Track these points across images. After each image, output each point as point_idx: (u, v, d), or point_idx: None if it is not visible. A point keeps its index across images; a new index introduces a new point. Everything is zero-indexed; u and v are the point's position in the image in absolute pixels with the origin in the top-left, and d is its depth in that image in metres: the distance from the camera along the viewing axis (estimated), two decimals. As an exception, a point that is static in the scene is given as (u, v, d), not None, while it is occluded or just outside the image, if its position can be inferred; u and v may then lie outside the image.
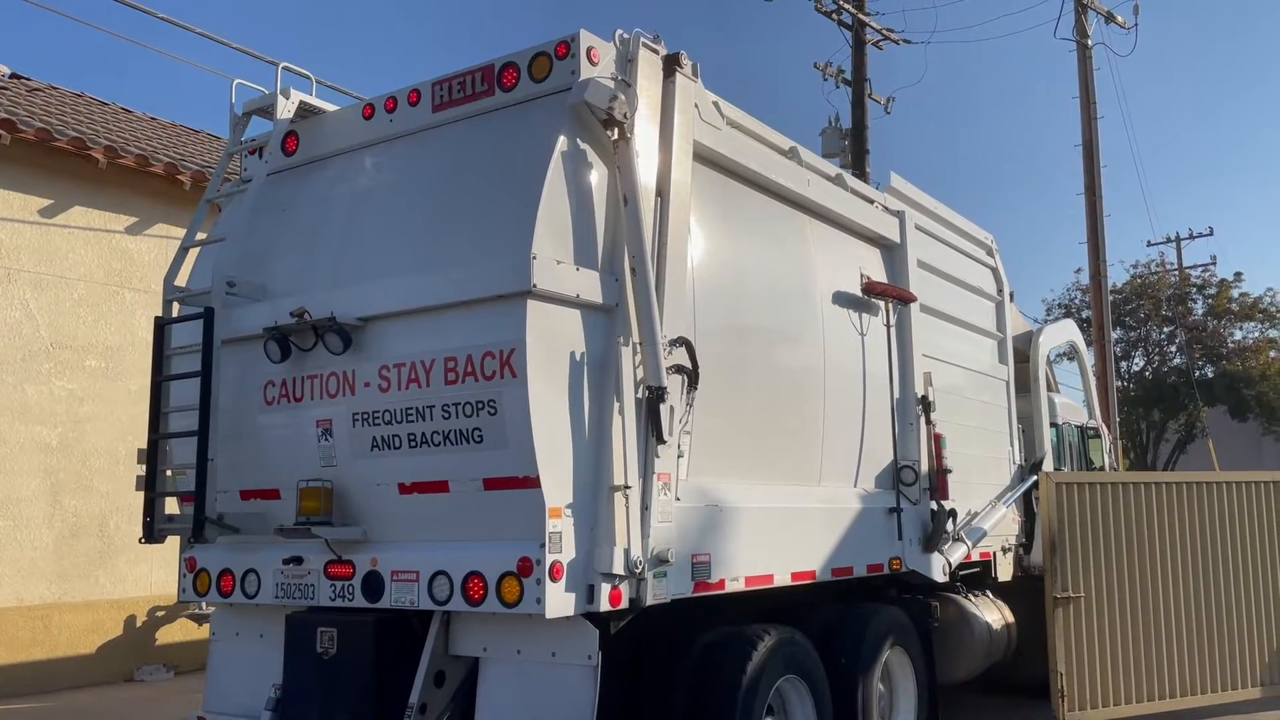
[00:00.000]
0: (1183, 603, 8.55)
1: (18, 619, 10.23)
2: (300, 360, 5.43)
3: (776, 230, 6.69)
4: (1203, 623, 8.61)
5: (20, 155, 10.47)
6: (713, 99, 6.10)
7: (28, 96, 12.21)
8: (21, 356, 10.48)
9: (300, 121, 6.17)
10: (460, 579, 4.81)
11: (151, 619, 11.25)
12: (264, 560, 5.55)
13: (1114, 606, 8.30)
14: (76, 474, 10.80)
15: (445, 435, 4.92)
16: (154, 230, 11.67)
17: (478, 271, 4.86)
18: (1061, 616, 8.15)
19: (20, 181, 10.62)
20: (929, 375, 7.89)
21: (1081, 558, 8.25)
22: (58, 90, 13.46)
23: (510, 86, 5.34)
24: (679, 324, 5.39)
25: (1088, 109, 20.45)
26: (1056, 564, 8.20)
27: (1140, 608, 8.38)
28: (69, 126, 11.13)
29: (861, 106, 18.59)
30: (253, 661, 5.82)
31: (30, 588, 10.36)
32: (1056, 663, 8.12)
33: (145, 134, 13.01)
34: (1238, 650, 8.75)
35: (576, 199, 5.03)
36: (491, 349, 4.76)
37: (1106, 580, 8.30)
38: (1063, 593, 8.16)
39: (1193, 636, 8.57)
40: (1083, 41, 20.64)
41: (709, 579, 5.45)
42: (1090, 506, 8.33)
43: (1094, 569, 8.28)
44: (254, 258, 5.89)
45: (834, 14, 18.57)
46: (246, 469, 5.66)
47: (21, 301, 10.55)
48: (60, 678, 10.40)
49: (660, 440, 5.07)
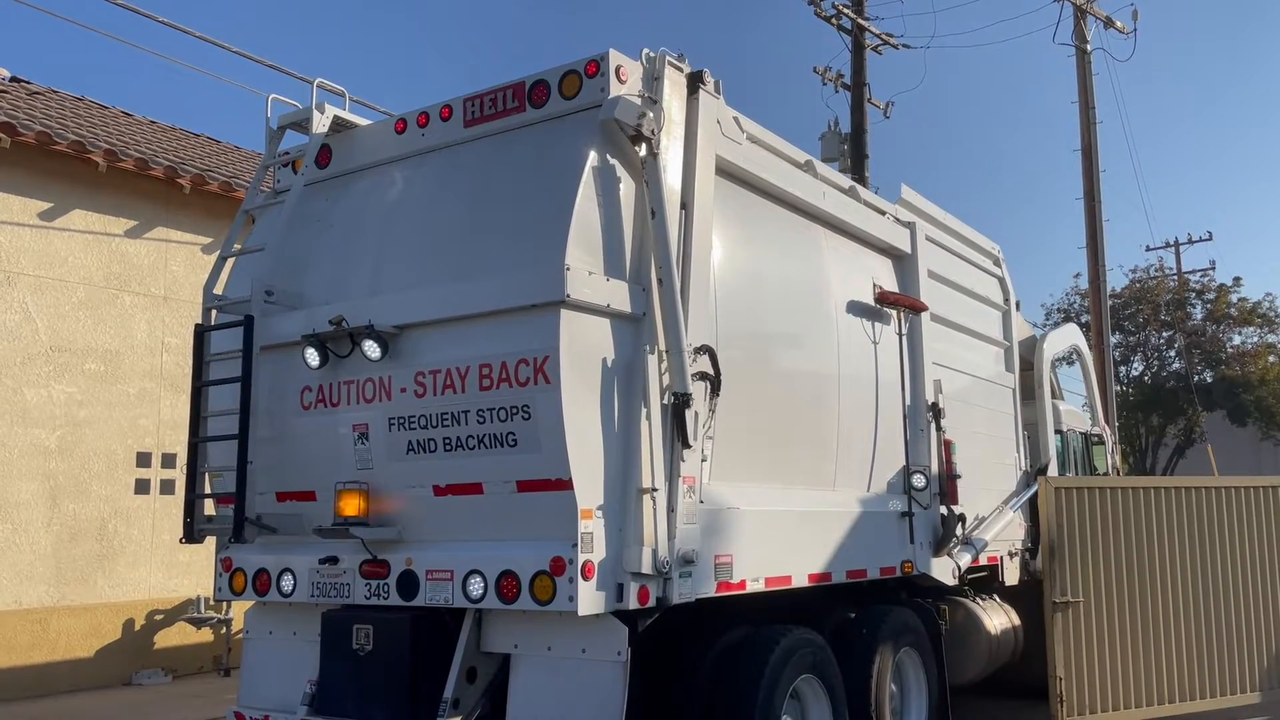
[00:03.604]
0: (1181, 607, 8.54)
1: (16, 622, 10.19)
2: (336, 366, 5.61)
3: (793, 241, 6.88)
4: (1201, 627, 8.60)
5: (20, 159, 10.38)
6: (733, 114, 6.29)
7: (28, 100, 12.12)
8: (20, 360, 10.45)
9: (333, 136, 6.36)
10: (494, 577, 4.98)
11: (150, 623, 11.25)
12: (300, 560, 5.73)
13: (1113, 611, 8.31)
14: (75, 477, 10.74)
15: (480, 439, 5.11)
16: (154, 234, 11.66)
17: (512, 281, 5.04)
18: (1060, 621, 8.17)
19: (20, 185, 10.54)
20: (939, 383, 8.07)
21: (1080, 562, 8.27)
22: (58, 94, 13.41)
23: (541, 103, 5.53)
24: (702, 332, 5.58)
25: (1087, 114, 20.52)
26: (1055, 569, 8.22)
27: (1139, 612, 8.38)
28: (69, 130, 11.06)
29: (861, 111, 18.65)
30: (286, 658, 5.99)
31: (29, 591, 10.33)
32: (1055, 667, 8.14)
33: (145, 137, 13.01)
34: (1236, 655, 8.73)
35: (606, 212, 5.22)
36: (526, 356, 4.94)
37: (1105, 585, 8.31)
38: (1061, 597, 8.18)
39: (1191, 641, 8.55)
40: (1082, 47, 20.72)
41: (731, 579, 5.63)
42: (1089, 511, 8.34)
43: (1093, 574, 8.29)
44: (290, 267, 6.07)
45: (834, 19, 18.66)
46: (283, 472, 5.84)
47: (21, 305, 10.50)
48: (58, 681, 10.39)
49: (685, 445, 5.25)
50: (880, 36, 19.22)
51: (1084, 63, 20.70)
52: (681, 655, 5.72)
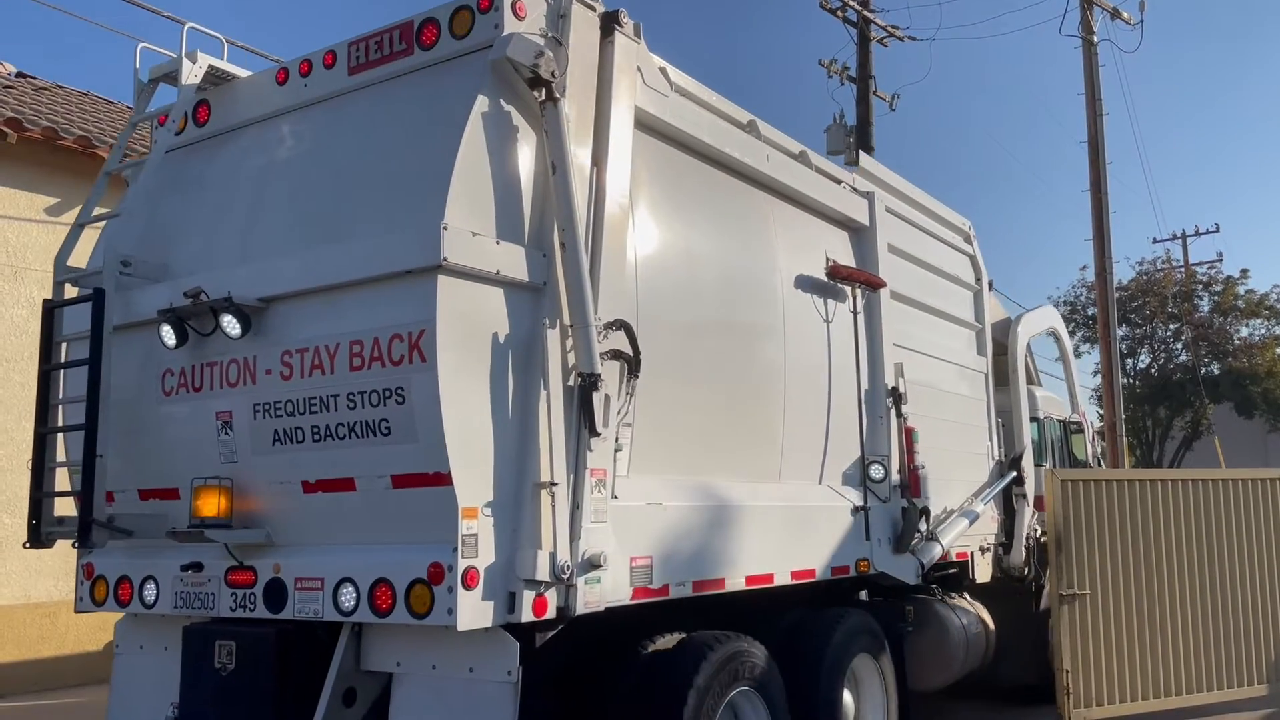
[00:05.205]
0: (1188, 600, 8.58)
1: (25, 616, 10.15)
2: (200, 346, 4.94)
3: (732, 208, 6.22)
4: (1208, 620, 8.64)
5: (26, 154, 10.37)
6: (660, 64, 5.63)
7: (34, 95, 12.09)
8: (29, 354, 10.00)
9: (213, 89, 5.68)
10: (367, 587, 4.33)
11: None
12: (164, 566, 5.06)
13: (1119, 603, 8.32)
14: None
15: (351, 427, 4.44)
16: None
17: (385, 245, 4.38)
18: (1067, 613, 8.14)
19: (27, 180, 10.53)
20: (900, 366, 7.45)
21: (1087, 555, 8.27)
22: (63, 89, 13.32)
23: (430, 44, 4.86)
24: (618, 306, 4.93)
25: (1093, 105, 20.15)
26: (1062, 561, 8.19)
27: (1146, 605, 8.41)
28: (75, 125, 10.99)
29: (866, 103, 18.46)
30: (156, 676, 5.32)
31: (38, 585, 10.27)
32: (1062, 660, 8.09)
33: (152, 132, 12.64)
34: (1243, 647, 8.78)
35: (499, 166, 4.56)
36: (399, 330, 4.28)
37: (1112, 577, 8.33)
38: (1068, 590, 8.16)
39: (1198, 633, 8.59)
40: (1088, 38, 20.36)
41: (651, 584, 4.98)
42: (1096, 503, 8.35)
43: (1099, 566, 8.30)
44: (159, 235, 5.40)
45: (839, 11, 18.49)
46: (145, 466, 5.17)
47: (29, 300, 10.37)
48: (68, 675, 10.25)
49: (593, 432, 4.60)
50: (885, 28, 18.99)
51: (1090, 54, 20.35)
52: (597, 672, 5.07)
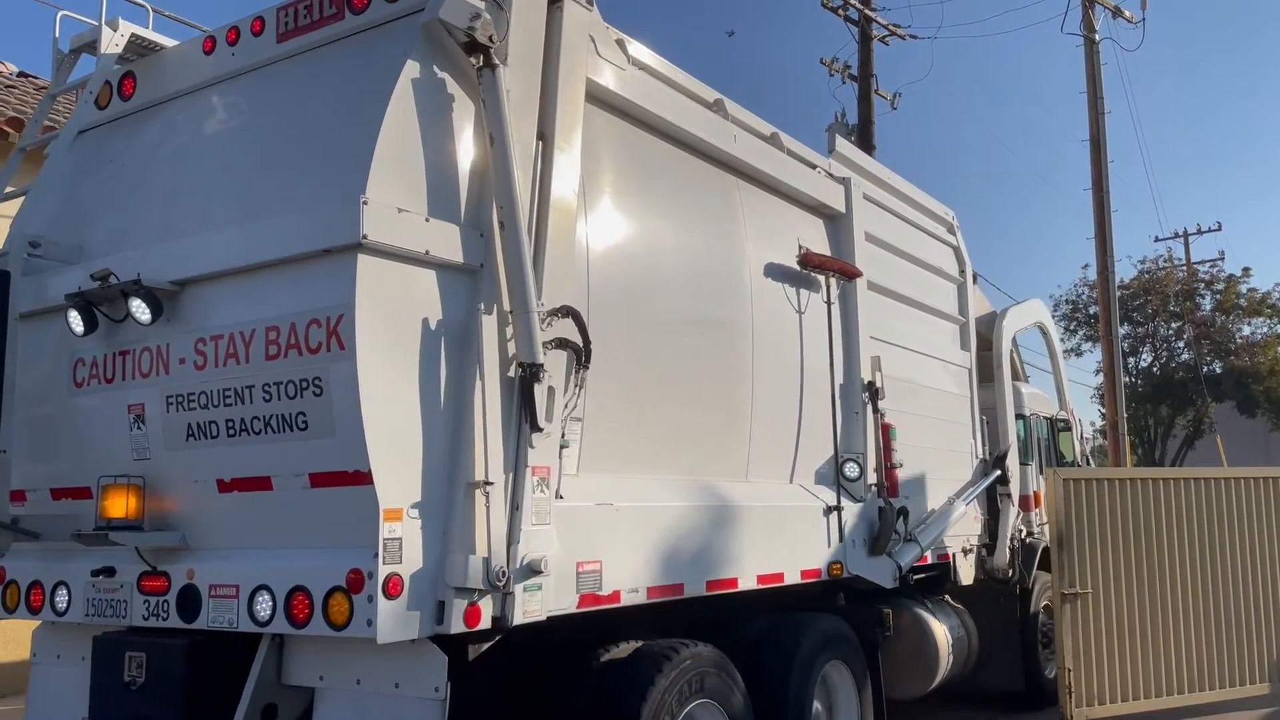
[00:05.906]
0: (1191, 598, 8.53)
1: None
2: (113, 334, 4.57)
3: (697, 190, 5.87)
4: (1211, 618, 8.60)
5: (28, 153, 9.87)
6: (617, 36, 5.28)
7: (35, 95, 11.71)
8: None
9: (139, 61, 5.32)
10: (284, 595, 3.97)
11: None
12: (76, 572, 4.69)
13: (1122, 602, 8.28)
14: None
15: (267, 421, 4.08)
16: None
17: (304, 222, 4.02)
18: (1069, 612, 8.09)
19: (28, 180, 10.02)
20: (877, 359, 7.11)
21: (1089, 554, 8.21)
22: None
23: (361, 8, 4.51)
24: (566, 291, 4.58)
25: (1095, 104, 19.97)
26: (1064, 560, 8.14)
27: (1148, 603, 8.36)
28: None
29: (868, 102, 18.25)
30: (75, 688, 4.93)
31: None
32: (1065, 659, 8.05)
33: None
34: (1246, 646, 8.73)
35: (432, 138, 4.20)
36: (317, 316, 3.92)
37: (1114, 576, 8.28)
38: (1071, 588, 8.10)
39: (1201, 632, 8.55)
40: (1090, 36, 20.19)
41: (600, 590, 4.63)
42: (1098, 502, 8.29)
43: (1102, 565, 8.25)
44: (76, 215, 5.04)
45: (840, 9, 18.30)
46: (57, 463, 4.80)
47: None
48: None
49: (535, 428, 4.25)
50: (887, 27, 18.79)
51: (1092, 52, 20.20)
52: (542, 687, 4.72)
